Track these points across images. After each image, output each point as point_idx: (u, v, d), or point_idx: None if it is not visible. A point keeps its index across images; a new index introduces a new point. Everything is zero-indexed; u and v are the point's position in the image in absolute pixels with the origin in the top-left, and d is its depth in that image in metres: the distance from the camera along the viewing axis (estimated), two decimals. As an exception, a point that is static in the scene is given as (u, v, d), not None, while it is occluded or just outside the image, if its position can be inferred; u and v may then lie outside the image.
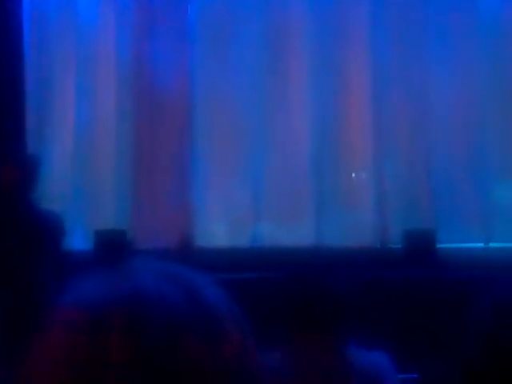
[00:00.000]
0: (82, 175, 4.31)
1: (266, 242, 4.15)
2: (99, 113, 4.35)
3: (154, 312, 0.38)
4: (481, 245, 4.07)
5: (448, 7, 4.26)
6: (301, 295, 1.37)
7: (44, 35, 4.36)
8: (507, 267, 3.04)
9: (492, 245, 4.06)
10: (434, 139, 4.23)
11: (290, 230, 4.16)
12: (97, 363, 0.37)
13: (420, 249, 3.84)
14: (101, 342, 0.38)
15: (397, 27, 4.25)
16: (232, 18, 4.36)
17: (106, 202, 4.28)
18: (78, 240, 4.10)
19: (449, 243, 4.00)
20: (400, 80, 4.25)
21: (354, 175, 4.36)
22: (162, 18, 4.33)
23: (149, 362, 0.37)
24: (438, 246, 3.94)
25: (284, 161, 4.27)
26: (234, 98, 4.32)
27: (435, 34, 4.23)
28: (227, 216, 4.27)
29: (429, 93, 4.22)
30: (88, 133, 4.34)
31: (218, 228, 4.27)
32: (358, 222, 4.18)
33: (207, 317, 0.39)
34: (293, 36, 4.32)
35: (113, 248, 3.87)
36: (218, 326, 0.39)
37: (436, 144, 4.23)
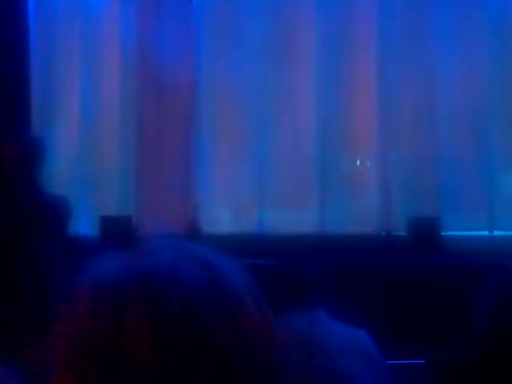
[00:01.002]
0: (87, 162, 4.33)
1: (270, 228, 4.17)
2: (105, 99, 4.35)
3: (171, 287, 0.39)
4: (485, 233, 4.08)
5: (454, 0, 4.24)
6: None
7: (50, 24, 4.35)
8: (511, 255, 3.05)
9: (496, 233, 4.07)
10: (439, 128, 4.22)
11: (295, 217, 4.18)
12: (117, 345, 0.38)
13: (425, 236, 3.85)
14: (120, 315, 0.38)
15: (404, 18, 4.23)
16: (238, 6, 4.34)
17: (112, 188, 4.30)
18: (84, 226, 4.13)
19: (453, 231, 4.01)
20: (406, 69, 4.24)
21: (358, 163, 4.36)
22: (167, 8, 4.31)
23: (165, 336, 0.38)
24: (443, 233, 3.95)
25: (289, 148, 4.28)
26: (239, 86, 4.32)
27: (441, 25, 4.21)
28: (232, 203, 4.28)
29: (434, 82, 4.21)
30: (94, 119, 4.35)
31: (223, 215, 4.29)
32: (362, 209, 4.19)
33: (226, 294, 0.40)
34: (299, 24, 4.30)
35: (118, 234, 3.90)
36: (237, 304, 0.40)
37: (441, 132, 4.22)
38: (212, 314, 0.39)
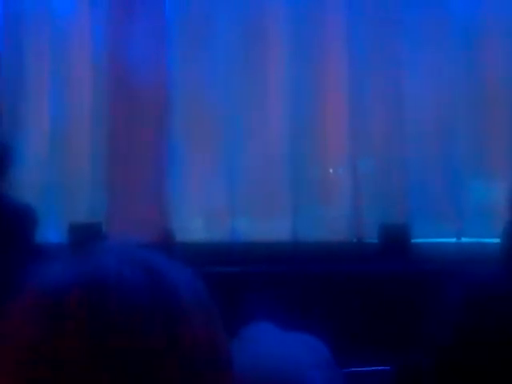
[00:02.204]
0: (57, 167, 4.25)
1: (243, 236, 4.17)
2: (75, 104, 4.29)
3: (112, 292, 0.38)
4: (453, 240, 4.16)
5: (423, 10, 4.33)
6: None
7: (18, 26, 4.28)
8: (478, 261, 3.11)
9: (464, 240, 4.15)
10: (408, 136, 4.30)
11: (267, 224, 4.18)
12: (54, 347, 0.37)
13: (395, 243, 3.91)
14: (58, 326, 0.37)
15: (373, 26, 4.30)
16: (210, 11, 4.34)
17: (82, 194, 4.23)
18: (53, 233, 4.05)
19: (422, 238, 4.08)
20: (376, 78, 4.31)
21: (329, 171, 4.40)
22: (138, 11, 4.29)
23: (104, 346, 0.37)
24: (413, 240, 4.01)
25: (261, 156, 4.29)
26: (211, 93, 4.31)
27: (411, 34, 4.30)
28: (204, 210, 4.27)
29: (404, 90, 4.29)
30: (63, 124, 4.28)
31: (196, 222, 4.26)
32: (333, 216, 4.22)
33: (166, 300, 0.39)
34: (270, 32, 4.33)
35: (88, 241, 3.83)
36: (178, 311, 0.39)
37: (410, 140, 4.30)
38: (150, 320, 0.38)
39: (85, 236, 3.90)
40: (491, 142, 4.32)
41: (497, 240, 3.15)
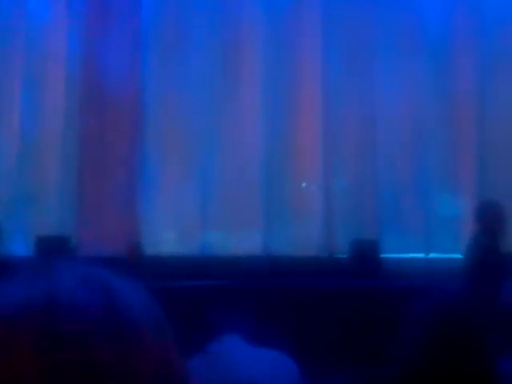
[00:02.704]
0: (26, 178, 4.17)
1: (215, 250, 4.15)
2: (47, 113, 4.23)
3: (66, 315, 0.39)
4: (422, 255, 4.24)
5: (395, 27, 4.45)
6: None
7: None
8: (446, 276, 3.17)
9: (432, 255, 4.23)
10: (379, 154, 4.38)
11: (239, 238, 4.18)
12: (5, 363, 0.37)
13: (365, 259, 3.95)
14: (10, 350, 0.37)
15: (347, 48, 4.39)
16: (186, 24, 4.36)
17: (50, 207, 4.16)
18: (19, 246, 3.96)
19: (392, 253, 4.14)
20: (349, 96, 4.39)
21: (304, 185, 4.44)
22: (114, 22, 4.28)
23: (59, 370, 0.38)
24: (383, 255, 4.07)
25: (234, 170, 4.30)
26: (186, 105, 4.31)
27: (383, 55, 4.40)
28: (176, 224, 4.24)
29: (375, 110, 4.38)
30: (34, 133, 4.21)
31: (167, 236, 4.23)
32: (305, 231, 4.25)
33: (122, 323, 0.40)
34: (245, 46, 4.37)
35: (55, 254, 3.75)
36: (132, 333, 0.40)
37: (381, 159, 4.38)
38: (105, 343, 0.39)
39: (52, 249, 3.82)
40: (459, 160, 4.44)
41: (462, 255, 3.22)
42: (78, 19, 4.26)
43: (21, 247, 3.97)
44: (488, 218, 3.08)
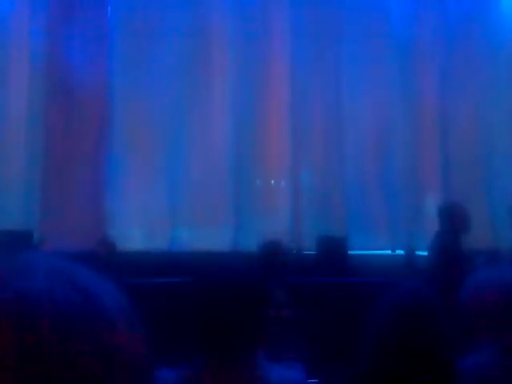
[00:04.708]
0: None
1: (183, 246, 4.13)
2: (11, 108, 4.13)
3: (43, 313, 0.39)
4: (388, 252, 4.32)
5: (363, 23, 4.51)
6: (213, 302, 1.27)
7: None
8: (411, 273, 3.23)
9: (398, 252, 4.31)
10: (347, 152, 4.43)
11: (208, 235, 4.17)
12: None
13: (333, 255, 4.00)
14: None
15: (315, 49, 4.43)
16: (153, 21, 4.32)
17: (12, 201, 4.06)
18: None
19: (359, 250, 4.20)
20: (316, 93, 4.43)
21: (271, 183, 4.46)
22: (79, 14, 4.19)
23: (35, 363, 0.38)
24: (350, 252, 4.12)
25: (202, 167, 4.28)
26: (153, 102, 4.27)
27: (352, 54, 4.45)
28: (145, 220, 4.20)
29: (343, 106, 4.43)
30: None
31: (136, 232, 4.18)
32: (273, 227, 4.27)
33: (99, 320, 0.40)
34: (214, 44, 4.36)
35: (17, 249, 3.67)
36: (108, 329, 0.40)
37: (349, 156, 4.44)
38: (83, 340, 0.39)
39: (15, 243, 3.73)
40: (424, 159, 4.53)
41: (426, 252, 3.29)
42: (42, 11, 4.17)
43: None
44: (450, 216, 3.16)
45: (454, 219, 3.13)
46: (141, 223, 4.20)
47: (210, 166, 4.30)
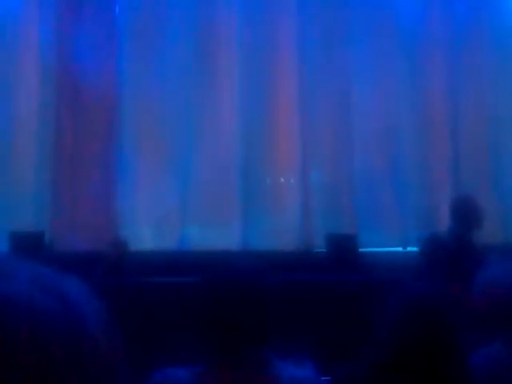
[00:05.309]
0: (-1, 173, 4.10)
1: (193, 245, 4.13)
2: (21, 108, 4.15)
3: (23, 318, 0.38)
4: (399, 249, 4.29)
5: (371, 19, 4.47)
6: (222, 301, 1.27)
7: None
8: (422, 269, 3.21)
9: (409, 249, 4.28)
10: (357, 149, 4.40)
11: (217, 233, 4.17)
12: None
13: (343, 253, 3.98)
14: None
15: (324, 43, 4.41)
16: (161, 19, 4.32)
17: (24, 203, 4.09)
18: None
19: (370, 247, 4.17)
20: (326, 91, 4.40)
21: (280, 181, 4.44)
22: (88, 13, 4.20)
23: (13, 369, 0.37)
24: (360, 250, 4.10)
25: (212, 166, 4.28)
26: (162, 100, 4.27)
27: (360, 50, 4.42)
28: (154, 219, 4.20)
29: (352, 104, 4.40)
30: (7, 128, 4.13)
31: (145, 231, 4.19)
32: (283, 226, 4.26)
33: (76, 326, 0.40)
34: (222, 42, 4.35)
35: (29, 251, 3.69)
36: (85, 334, 0.40)
37: (358, 153, 4.41)
38: (60, 345, 0.39)
39: (26, 245, 3.76)
40: (434, 156, 4.49)
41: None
42: (51, 10, 4.18)
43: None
44: (464, 211, 3.13)
45: (467, 214, 3.10)
46: (151, 222, 4.21)
47: (220, 165, 4.29)
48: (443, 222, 3.61)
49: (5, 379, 0.36)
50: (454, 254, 3.01)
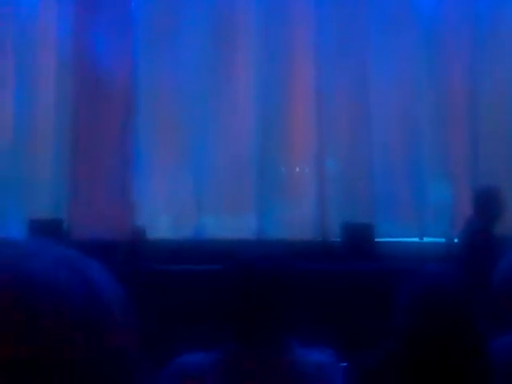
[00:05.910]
0: (18, 162, 4.15)
1: (209, 234, 4.15)
2: (39, 100, 4.20)
3: (43, 297, 0.38)
4: (416, 239, 4.26)
5: (389, 6, 4.41)
6: (242, 288, 1.28)
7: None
8: (439, 260, 3.19)
9: (426, 239, 4.25)
10: (373, 138, 4.37)
11: (233, 223, 4.18)
12: None
13: (359, 242, 3.96)
14: None
15: (340, 31, 4.36)
16: (177, 9, 4.31)
17: (43, 190, 4.14)
18: (12, 228, 3.95)
19: (386, 237, 4.15)
20: (342, 81, 4.36)
21: (296, 170, 4.43)
22: (104, 8, 4.22)
23: (34, 347, 0.37)
24: (376, 239, 4.08)
25: (227, 155, 4.28)
26: (178, 90, 4.28)
27: (377, 40, 4.37)
28: (171, 208, 4.23)
29: (370, 93, 4.36)
30: (27, 120, 4.19)
31: (162, 220, 4.22)
32: (299, 215, 4.25)
33: (99, 307, 0.40)
34: (238, 30, 4.33)
35: (48, 238, 3.74)
36: (107, 318, 0.40)
37: (375, 143, 4.37)
38: (81, 326, 0.39)
39: (45, 232, 3.81)
40: (453, 145, 4.44)
41: (456, 239, 3.23)
42: (69, 5, 4.21)
43: (14, 230, 3.96)
44: (486, 202, 3.09)
45: (489, 204, 3.07)
46: (167, 212, 4.24)
47: (235, 154, 4.29)
48: (461, 212, 3.57)
49: (23, 359, 0.36)
50: (475, 243, 2.98)
